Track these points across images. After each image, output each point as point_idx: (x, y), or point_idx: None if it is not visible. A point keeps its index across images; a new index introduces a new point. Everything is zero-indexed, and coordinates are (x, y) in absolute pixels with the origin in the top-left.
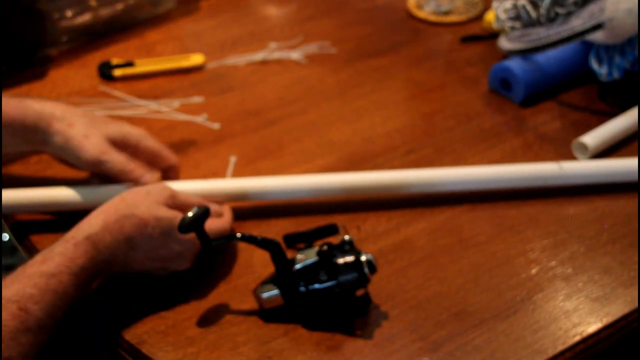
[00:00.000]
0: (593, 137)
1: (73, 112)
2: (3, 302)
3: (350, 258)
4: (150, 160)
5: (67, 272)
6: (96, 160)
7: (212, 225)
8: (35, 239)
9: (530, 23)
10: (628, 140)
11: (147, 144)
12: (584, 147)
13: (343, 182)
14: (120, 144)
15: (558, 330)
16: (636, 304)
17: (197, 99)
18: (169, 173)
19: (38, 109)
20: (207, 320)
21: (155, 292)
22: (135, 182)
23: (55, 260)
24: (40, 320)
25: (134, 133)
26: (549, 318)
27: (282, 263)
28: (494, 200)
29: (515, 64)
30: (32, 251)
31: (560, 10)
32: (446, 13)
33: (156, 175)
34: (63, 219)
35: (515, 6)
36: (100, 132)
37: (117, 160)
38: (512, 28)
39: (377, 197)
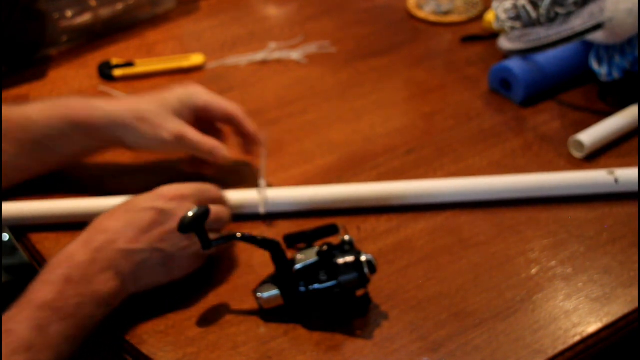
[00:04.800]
0: (589, 135)
1: (139, 106)
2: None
3: (350, 258)
4: (226, 120)
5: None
6: (174, 143)
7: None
8: (35, 238)
9: (530, 23)
10: (625, 139)
11: (215, 105)
12: (580, 145)
13: (342, 193)
14: (193, 116)
15: (558, 330)
16: (636, 304)
17: None
18: (248, 143)
19: (106, 112)
20: (207, 320)
21: (155, 292)
22: (213, 153)
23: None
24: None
25: (201, 99)
26: (549, 318)
27: (282, 263)
28: (494, 201)
29: (515, 64)
30: (32, 251)
31: (560, 10)
32: (446, 13)
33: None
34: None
35: (515, 6)
36: (169, 114)
37: (194, 139)
38: (512, 28)
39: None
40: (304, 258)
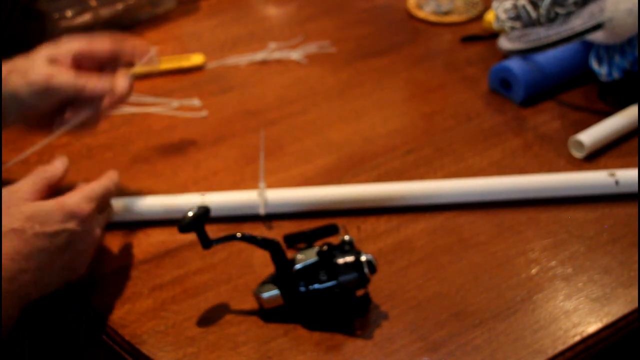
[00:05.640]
0: (589, 135)
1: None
2: None
3: (350, 258)
4: (114, 59)
5: None
6: (45, 87)
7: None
8: None
9: (530, 23)
10: (625, 139)
11: (97, 47)
12: (580, 145)
13: (341, 194)
14: (70, 61)
15: (558, 330)
16: (636, 304)
17: (196, 101)
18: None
19: None
20: (207, 320)
21: (155, 292)
22: (92, 93)
23: None
24: None
25: (74, 45)
26: (549, 318)
27: (282, 263)
28: (494, 201)
29: (515, 64)
30: None
31: (560, 10)
32: (446, 13)
33: (107, 81)
34: None
35: (515, 6)
36: (40, 60)
37: (66, 77)
38: (512, 28)
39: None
40: (304, 258)
